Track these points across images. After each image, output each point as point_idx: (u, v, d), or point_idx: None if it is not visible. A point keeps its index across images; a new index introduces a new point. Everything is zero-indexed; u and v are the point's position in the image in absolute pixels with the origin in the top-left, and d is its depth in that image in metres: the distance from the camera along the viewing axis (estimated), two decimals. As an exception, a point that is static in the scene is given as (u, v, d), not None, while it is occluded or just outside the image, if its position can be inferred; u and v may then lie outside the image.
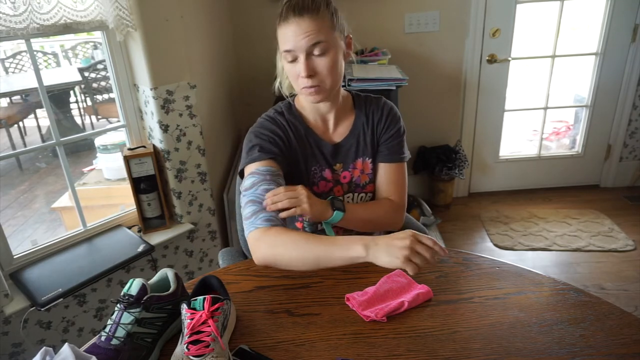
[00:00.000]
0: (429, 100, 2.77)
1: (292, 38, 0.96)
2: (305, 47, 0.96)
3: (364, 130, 1.13)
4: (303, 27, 0.94)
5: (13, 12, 1.28)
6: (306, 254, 0.88)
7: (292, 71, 1.01)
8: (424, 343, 0.82)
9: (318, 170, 1.12)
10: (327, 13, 0.98)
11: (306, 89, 1.01)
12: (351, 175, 1.14)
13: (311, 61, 0.98)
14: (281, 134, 1.08)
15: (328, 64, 0.98)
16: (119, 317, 0.79)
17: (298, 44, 0.96)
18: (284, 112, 1.12)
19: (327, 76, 0.99)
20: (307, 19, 0.94)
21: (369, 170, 1.15)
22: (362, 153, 1.14)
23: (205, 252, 2.04)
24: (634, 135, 2.89)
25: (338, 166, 1.14)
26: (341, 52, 1.02)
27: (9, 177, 3.87)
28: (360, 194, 1.16)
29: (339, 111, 1.12)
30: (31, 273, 1.55)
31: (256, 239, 0.93)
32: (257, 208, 0.95)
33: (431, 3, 2.54)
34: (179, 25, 1.69)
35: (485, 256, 1.07)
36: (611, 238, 2.48)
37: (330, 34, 0.98)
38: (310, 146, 1.11)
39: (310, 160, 1.11)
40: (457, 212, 2.89)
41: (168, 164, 1.79)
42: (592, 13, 2.70)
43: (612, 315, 0.87)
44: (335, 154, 1.13)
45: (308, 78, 0.98)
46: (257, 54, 2.61)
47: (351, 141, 1.13)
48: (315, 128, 1.12)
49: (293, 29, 0.95)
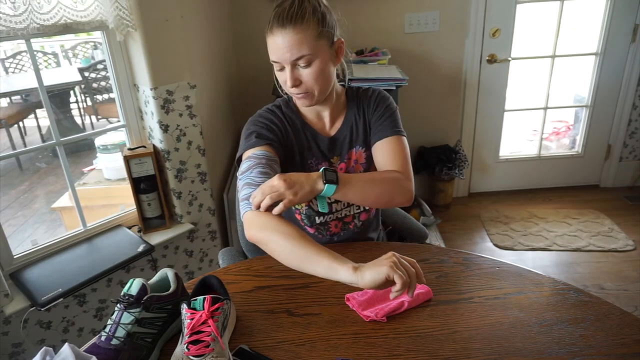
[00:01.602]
0: (429, 100, 2.77)
1: (276, 51, 0.97)
2: (290, 60, 0.97)
3: (355, 120, 1.15)
4: (286, 40, 0.95)
5: (13, 12, 1.28)
6: (292, 254, 0.86)
7: (280, 78, 1.04)
8: (424, 343, 0.82)
9: (314, 163, 1.14)
10: (313, 21, 0.96)
11: (295, 95, 1.04)
12: (346, 166, 1.16)
13: (296, 71, 0.99)
14: (278, 124, 1.10)
15: (314, 74, 0.99)
16: (119, 317, 0.79)
17: (282, 57, 0.97)
18: (281, 107, 1.14)
19: (313, 85, 1.01)
20: (289, 31, 0.94)
21: (363, 160, 1.16)
22: (355, 142, 1.15)
23: (205, 252, 2.04)
24: (634, 135, 2.89)
25: (335, 159, 1.15)
26: (329, 59, 1.02)
27: (9, 177, 3.87)
28: None
29: (334, 108, 1.14)
30: (31, 273, 1.55)
31: (249, 220, 0.93)
32: (252, 190, 0.95)
33: (431, 3, 2.54)
34: (179, 25, 1.69)
35: (485, 256, 1.07)
36: (611, 238, 2.48)
37: (315, 43, 0.97)
38: (306, 139, 1.13)
39: (307, 153, 1.13)
40: (457, 212, 2.89)
41: (168, 164, 1.79)
42: (592, 13, 2.70)
43: (612, 315, 0.87)
44: (331, 148, 1.15)
45: (295, 87, 1.01)
46: (257, 54, 2.61)
47: (345, 133, 1.15)
48: (312, 123, 1.14)
49: (277, 42, 0.96)
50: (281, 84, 1.05)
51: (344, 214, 1.20)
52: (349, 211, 1.20)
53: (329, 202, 1.15)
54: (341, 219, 1.20)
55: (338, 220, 1.20)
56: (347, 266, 0.80)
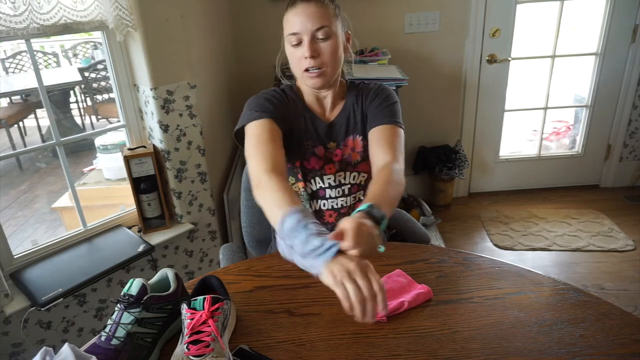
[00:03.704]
0: (429, 100, 2.77)
1: (298, 21, 1.03)
2: (311, 30, 1.03)
3: (354, 109, 1.17)
4: (309, 11, 1.03)
5: (13, 12, 1.28)
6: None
7: (295, 55, 1.07)
8: (424, 343, 0.82)
9: (310, 145, 1.15)
10: (331, 5, 1.06)
11: (308, 73, 1.07)
12: (342, 153, 1.17)
13: (315, 43, 1.04)
14: (281, 100, 1.13)
15: (330, 48, 1.05)
16: (119, 317, 0.79)
17: (304, 26, 1.03)
18: (284, 89, 1.18)
19: (328, 60, 1.05)
20: (313, 5, 1.03)
21: (360, 148, 1.17)
22: (353, 130, 1.17)
23: (205, 252, 2.04)
24: (634, 135, 2.89)
25: (332, 145, 1.17)
26: (342, 43, 1.09)
27: (9, 177, 3.87)
28: (352, 172, 1.18)
29: (335, 95, 1.17)
30: (31, 273, 1.55)
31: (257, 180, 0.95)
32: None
33: (431, 3, 2.54)
34: (179, 25, 1.69)
35: (485, 256, 1.07)
36: (611, 238, 2.48)
37: (333, 21, 1.05)
38: (305, 121, 1.16)
39: (304, 134, 1.15)
40: (457, 212, 2.89)
41: (168, 164, 1.79)
42: (592, 13, 2.70)
43: (612, 315, 0.87)
44: (329, 133, 1.17)
45: (311, 58, 1.04)
46: (257, 54, 2.61)
47: (342, 119, 1.17)
48: (313, 108, 1.18)
49: (300, 12, 1.03)
50: (295, 61, 1.08)
51: (340, 204, 1.19)
52: (345, 202, 1.20)
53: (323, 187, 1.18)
54: (337, 209, 1.20)
55: (333, 210, 1.20)
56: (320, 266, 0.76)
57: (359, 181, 1.19)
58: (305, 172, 1.17)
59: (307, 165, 1.16)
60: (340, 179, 1.18)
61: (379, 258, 1.06)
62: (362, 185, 1.20)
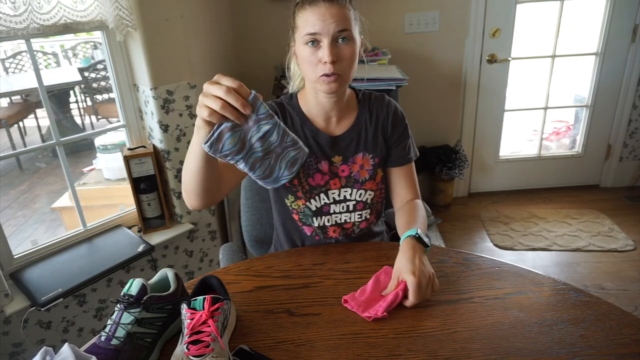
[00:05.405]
0: (429, 100, 2.77)
1: (319, 21, 0.95)
2: (333, 32, 0.95)
3: (366, 126, 1.13)
4: (332, 12, 0.95)
5: (13, 12, 1.28)
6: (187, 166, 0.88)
7: (311, 58, 0.98)
8: (424, 343, 0.82)
9: (313, 161, 1.11)
10: (352, 9, 1.00)
11: (325, 77, 0.99)
12: (350, 170, 1.13)
13: (335, 47, 0.97)
14: (279, 112, 1.10)
15: (351, 52, 0.99)
16: (119, 317, 0.79)
17: (326, 27, 0.95)
18: (283, 102, 1.13)
19: (348, 65, 0.99)
20: (336, 5, 0.96)
21: (369, 166, 1.13)
22: (364, 148, 1.12)
23: (205, 252, 2.04)
24: (634, 135, 2.89)
25: (337, 159, 1.12)
26: (358, 49, 1.03)
27: (9, 177, 3.87)
28: (359, 190, 1.14)
29: (342, 106, 1.11)
30: (31, 273, 1.55)
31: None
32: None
33: (431, 3, 2.54)
34: (179, 25, 1.69)
35: (485, 256, 1.07)
36: (611, 238, 2.48)
37: (354, 26, 1.00)
38: (305, 137, 1.10)
39: None
40: (457, 212, 2.89)
41: (168, 164, 1.79)
42: (592, 13, 2.70)
43: (612, 315, 0.87)
44: (333, 146, 1.11)
45: (331, 64, 0.96)
46: (257, 54, 2.61)
47: (352, 135, 1.12)
48: (314, 121, 1.11)
49: (322, 12, 0.95)
50: (310, 65, 0.99)
51: (344, 219, 1.16)
52: (349, 218, 1.16)
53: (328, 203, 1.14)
54: (340, 224, 1.16)
55: (337, 226, 1.16)
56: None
57: (365, 199, 1.14)
58: (309, 189, 1.12)
59: (312, 182, 1.11)
60: (346, 195, 1.13)
61: (380, 258, 1.06)
62: (367, 204, 1.15)
